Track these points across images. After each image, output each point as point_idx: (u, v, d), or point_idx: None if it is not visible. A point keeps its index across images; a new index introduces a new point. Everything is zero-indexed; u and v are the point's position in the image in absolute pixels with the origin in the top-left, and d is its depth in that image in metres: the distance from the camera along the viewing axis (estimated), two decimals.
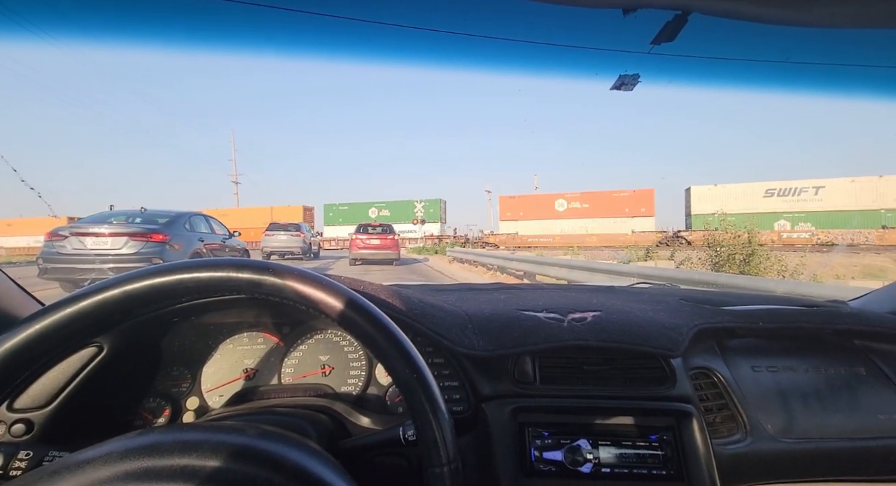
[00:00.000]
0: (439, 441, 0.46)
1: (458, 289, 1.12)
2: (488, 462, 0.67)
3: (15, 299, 0.65)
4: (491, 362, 0.72)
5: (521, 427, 0.69)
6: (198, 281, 0.45)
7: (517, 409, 0.69)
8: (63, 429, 0.64)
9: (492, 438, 0.68)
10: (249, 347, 0.83)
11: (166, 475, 0.40)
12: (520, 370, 0.72)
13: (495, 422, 0.68)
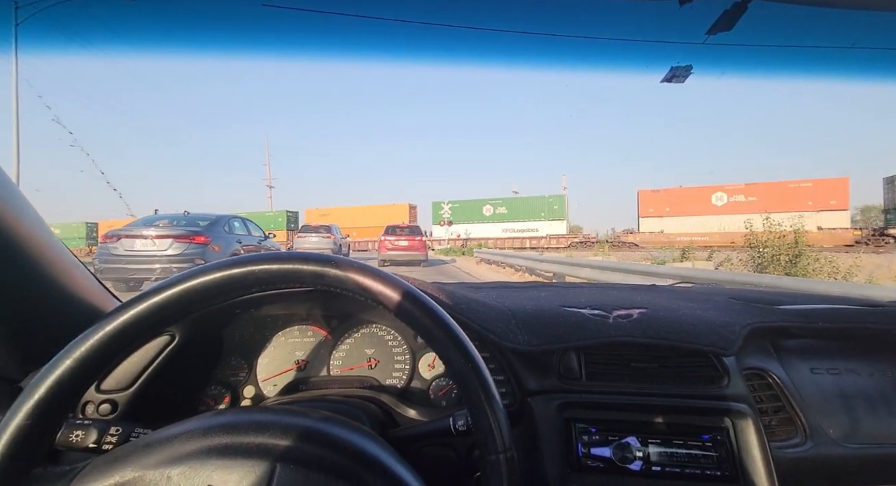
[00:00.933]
0: (495, 429, 0.46)
1: (497, 286, 1.13)
2: (534, 456, 0.67)
3: (99, 294, 0.72)
4: (536, 357, 0.73)
5: (568, 423, 0.69)
6: (267, 272, 0.48)
7: (563, 404, 0.69)
8: (141, 410, 0.69)
9: (538, 432, 0.68)
10: (300, 339, 0.87)
11: (242, 452, 0.43)
12: (565, 366, 0.72)
13: (541, 417, 0.69)
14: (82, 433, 0.52)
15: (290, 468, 0.43)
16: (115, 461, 0.42)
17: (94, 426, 0.53)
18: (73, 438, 0.51)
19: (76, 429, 0.51)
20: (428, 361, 0.87)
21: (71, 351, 0.43)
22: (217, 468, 0.42)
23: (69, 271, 0.65)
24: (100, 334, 0.44)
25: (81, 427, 0.52)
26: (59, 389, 0.42)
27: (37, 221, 0.58)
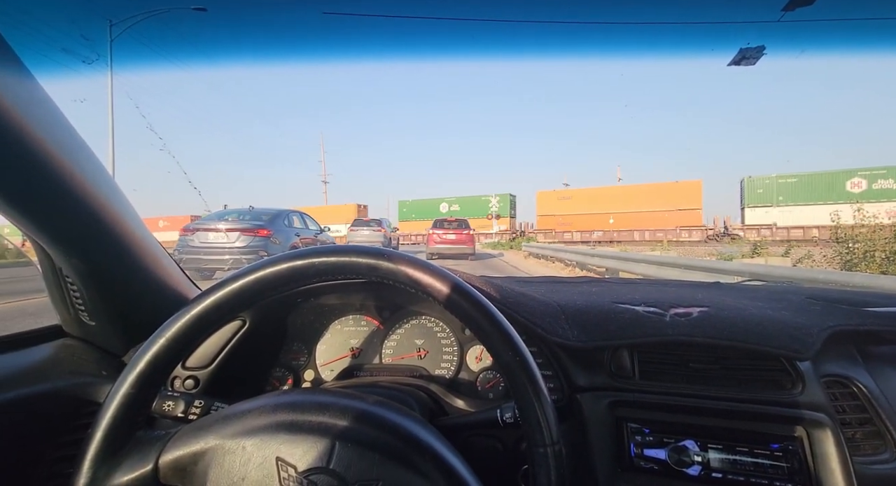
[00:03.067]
0: (542, 422, 0.47)
1: (546, 281, 1.11)
2: (583, 453, 0.67)
3: (183, 282, 0.81)
4: (586, 353, 0.71)
5: (619, 421, 0.67)
6: (327, 264, 0.52)
7: (614, 402, 0.68)
8: (218, 386, 0.77)
9: (587, 429, 0.67)
10: (354, 328, 0.92)
11: (306, 429, 0.48)
12: (617, 364, 0.71)
13: (591, 414, 0.68)
14: (172, 403, 0.60)
15: (348, 446, 0.47)
16: (200, 430, 0.48)
17: (181, 399, 0.61)
18: (165, 407, 0.58)
19: (168, 400, 0.59)
20: (475, 353, 0.88)
21: (164, 331, 0.49)
22: (284, 442, 0.46)
23: (160, 261, 0.73)
24: (186, 317, 0.50)
25: (172, 399, 0.59)
26: (156, 363, 0.48)
27: (135, 217, 0.66)
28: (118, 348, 0.72)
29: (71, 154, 0.52)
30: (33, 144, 0.47)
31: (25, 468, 0.59)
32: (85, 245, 0.59)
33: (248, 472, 0.45)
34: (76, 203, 0.55)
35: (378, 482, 0.45)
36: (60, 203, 0.53)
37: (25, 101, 0.45)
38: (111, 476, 0.45)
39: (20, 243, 0.86)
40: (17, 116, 0.44)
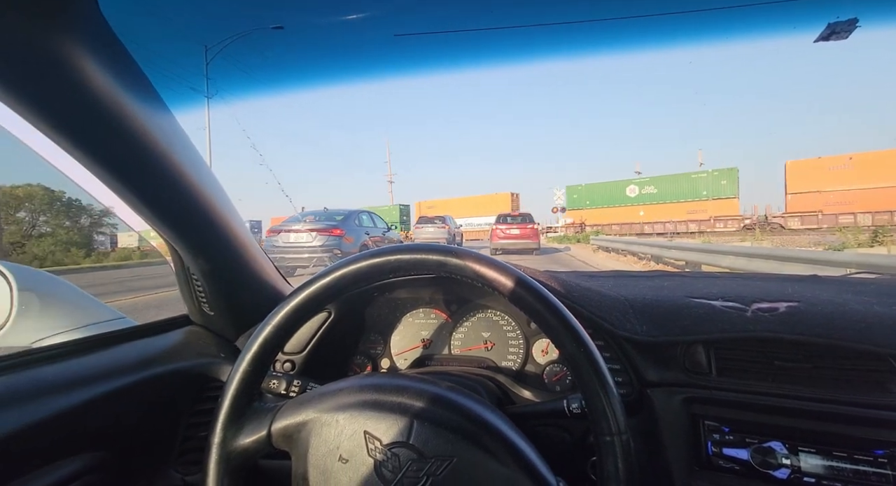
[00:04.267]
0: (608, 411, 0.48)
1: (614, 275, 1.09)
2: (656, 449, 0.66)
3: (277, 278, 0.92)
4: (656, 348, 0.70)
5: (695, 419, 0.65)
6: (401, 261, 0.57)
7: (689, 399, 0.66)
8: (310, 369, 0.88)
9: (659, 425, 0.66)
10: (425, 320, 0.98)
11: (387, 408, 0.54)
12: (691, 360, 0.68)
13: (663, 410, 0.66)
14: (277, 382, 0.70)
15: (425, 424, 0.52)
16: (301, 404, 0.56)
17: (283, 378, 0.71)
18: (271, 385, 0.68)
19: (273, 379, 0.69)
20: (541, 346, 0.90)
21: (271, 319, 0.58)
22: (370, 418, 0.53)
23: (261, 261, 0.85)
24: (287, 307, 0.58)
25: (276, 378, 0.70)
26: (265, 346, 0.57)
27: (242, 224, 0.78)
28: (231, 335, 0.85)
29: (198, 173, 0.63)
30: (173, 167, 0.58)
31: (170, 428, 0.73)
32: (207, 248, 0.71)
33: (341, 442, 0.52)
34: (202, 214, 0.66)
35: (453, 459, 0.50)
36: (191, 214, 0.65)
37: (167, 133, 0.56)
38: (236, 438, 0.54)
39: (148, 247, 1.04)
40: (161, 146, 0.55)
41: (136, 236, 0.91)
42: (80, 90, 0.44)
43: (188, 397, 0.75)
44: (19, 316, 0.67)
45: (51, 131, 0.47)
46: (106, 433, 0.60)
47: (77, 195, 4.43)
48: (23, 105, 0.44)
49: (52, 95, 0.44)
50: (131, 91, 0.49)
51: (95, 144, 0.50)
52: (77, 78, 0.43)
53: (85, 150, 0.50)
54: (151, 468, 0.69)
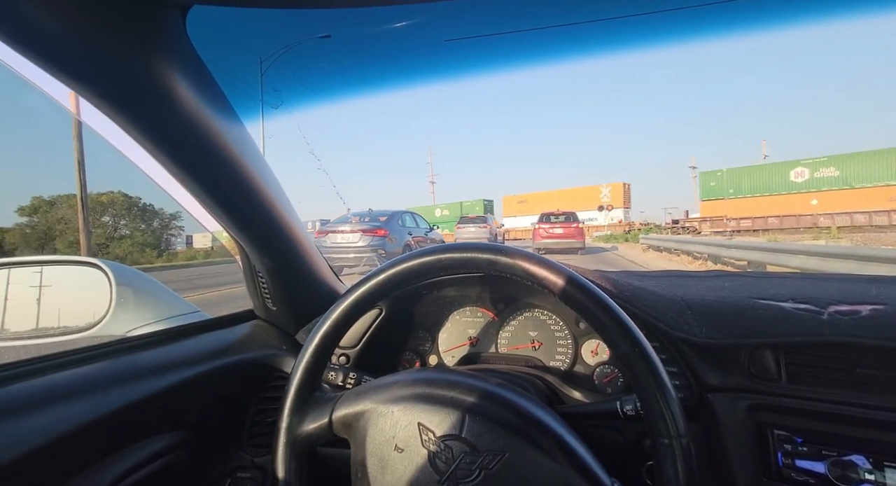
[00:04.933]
0: (665, 413, 0.47)
1: (668, 275, 1.04)
2: (718, 457, 0.63)
3: (331, 276, 0.98)
4: (717, 351, 0.67)
5: (762, 427, 0.61)
6: (452, 260, 0.59)
7: (755, 406, 0.62)
8: (363, 363, 0.92)
9: (721, 432, 0.63)
10: (471, 319, 1.00)
11: (440, 402, 0.55)
12: (757, 364, 0.64)
13: (726, 416, 0.63)
14: (334, 374, 0.74)
15: (477, 419, 0.53)
16: (359, 395, 0.59)
17: (340, 370, 0.75)
18: (329, 377, 0.73)
19: (331, 371, 0.73)
20: (591, 347, 0.88)
21: (330, 314, 0.62)
22: (423, 411, 0.55)
23: (318, 260, 0.90)
24: (345, 303, 0.61)
25: (333, 370, 0.74)
26: (325, 339, 0.61)
27: (302, 225, 0.83)
28: (291, 329, 0.90)
29: (265, 178, 0.68)
30: (245, 172, 0.64)
31: (240, 413, 0.79)
32: (272, 248, 0.77)
33: (396, 432, 0.54)
34: (268, 215, 0.72)
35: (505, 454, 0.51)
36: (259, 215, 0.71)
37: (239, 141, 0.61)
38: (301, 424, 0.58)
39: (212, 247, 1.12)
40: (235, 153, 0.61)
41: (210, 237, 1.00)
42: (170, 103, 0.50)
43: (255, 385, 0.81)
44: (117, 308, 0.77)
45: (145, 141, 0.53)
46: (188, 414, 0.67)
47: (159, 198, 4.78)
48: (123, 118, 0.50)
49: (147, 107, 0.50)
50: (211, 104, 0.54)
51: (182, 151, 0.56)
52: (167, 93, 0.49)
53: (172, 157, 0.56)
54: (225, 448, 0.76)
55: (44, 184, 28.12)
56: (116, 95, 0.47)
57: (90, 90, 0.45)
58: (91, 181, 4.01)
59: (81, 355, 0.61)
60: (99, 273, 0.78)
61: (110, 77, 0.44)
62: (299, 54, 0.56)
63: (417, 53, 0.55)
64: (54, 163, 20.43)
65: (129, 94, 0.47)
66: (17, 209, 15.66)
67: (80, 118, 4.65)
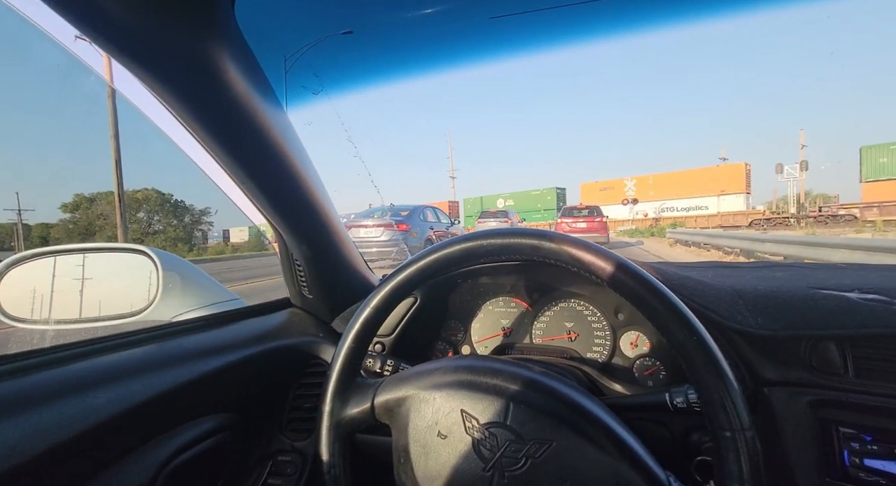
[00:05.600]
0: (728, 405, 0.44)
1: (712, 266, 0.99)
2: (776, 454, 0.59)
3: (364, 268, 0.98)
4: (775, 343, 0.63)
5: (825, 424, 0.58)
6: (493, 245, 0.57)
7: (818, 402, 0.58)
8: (397, 352, 0.92)
9: (779, 428, 0.60)
10: (505, 309, 0.98)
11: (482, 389, 0.54)
12: (820, 358, 0.60)
13: (784, 412, 0.60)
14: (372, 361, 0.74)
15: (521, 407, 0.52)
16: (400, 381, 0.59)
17: (378, 357, 0.75)
18: (367, 363, 0.73)
19: (369, 358, 0.73)
20: (630, 339, 0.85)
21: (370, 301, 0.61)
22: (466, 398, 0.54)
23: (352, 250, 0.90)
24: (385, 289, 0.61)
25: (371, 357, 0.74)
26: (366, 325, 0.61)
27: (337, 216, 0.84)
28: (327, 317, 0.91)
29: (305, 168, 0.68)
30: (287, 161, 0.64)
31: (280, 398, 0.81)
32: (311, 236, 0.78)
33: (439, 418, 0.54)
34: (308, 205, 0.72)
35: (552, 443, 0.49)
36: (300, 204, 0.71)
37: (283, 129, 0.62)
38: (344, 408, 0.59)
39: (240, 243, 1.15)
40: (279, 141, 0.61)
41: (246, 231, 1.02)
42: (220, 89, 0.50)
43: (294, 371, 0.82)
44: (164, 293, 0.79)
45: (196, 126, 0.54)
46: (232, 397, 0.68)
47: (204, 189, 5.00)
48: (176, 103, 0.51)
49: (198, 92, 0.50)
50: (257, 89, 0.54)
51: (230, 137, 0.57)
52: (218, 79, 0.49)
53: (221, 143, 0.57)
54: (266, 432, 0.78)
55: (85, 181, 28.91)
56: (171, 80, 0.47)
57: (146, 72, 0.46)
58: (139, 175, 4.16)
59: (135, 337, 0.63)
60: (147, 260, 0.80)
61: (165, 61, 0.45)
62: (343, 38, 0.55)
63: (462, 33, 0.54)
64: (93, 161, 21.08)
65: (183, 78, 0.48)
66: (60, 206, 16.28)
67: (116, 117, 4.77)
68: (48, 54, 4.07)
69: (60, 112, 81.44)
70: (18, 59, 66.83)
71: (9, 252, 14.27)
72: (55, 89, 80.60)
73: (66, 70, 21.55)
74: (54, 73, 67.61)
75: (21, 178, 72.78)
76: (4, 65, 61.47)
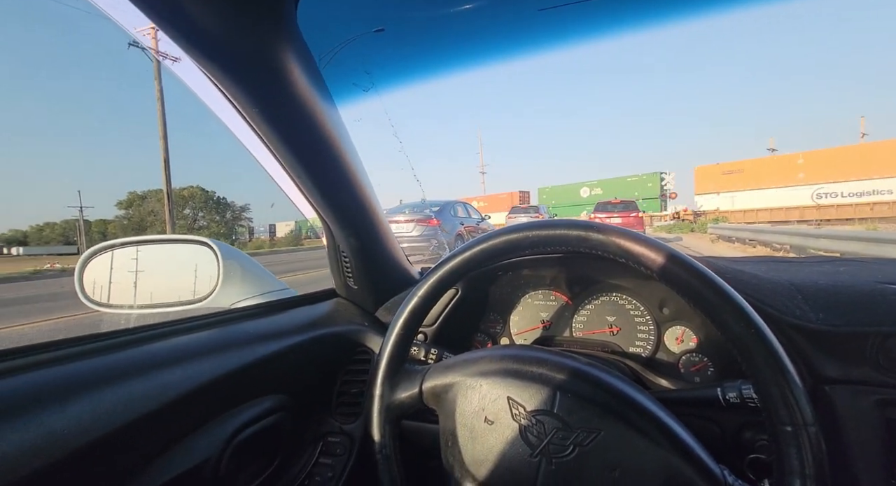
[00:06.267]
0: (790, 399, 0.43)
1: (765, 260, 0.95)
2: (837, 455, 0.57)
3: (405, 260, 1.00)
4: (837, 339, 0.60)
5: (893, 425, 0.55)
6: (539, 237, 0.58)
7: (885, 402, 0.55)
8: (438, 342, 0.94)
9: (841, 428, 0.57)
10: (544, 302, 0.98)
11: (528, 377, 0.55)
12: (889, 356, 0.57)
13: (848, 411, 0.57)
14: (416, 349, 0.77)
15: (568, 396, 0.52)
16: (447, 368, 0.61)
17: (422, 346, 0.77)
18: (412, 351, 0.75)
19: (413, 346, 0.76)
20: (676, 334, 0.83)
21: (417, 290, 0.63)
22: (512, 385, 0.55)
23: (393, 241, 0.93)
24: (432, 280, 0.63)
25: (416, 346, 0.76)
26: (413, 314, 0.63)
27: (382, 209, 0.86)
28: (370, 307, 0.95)
29: (354, 162, 0.71)
30: (339, 157, 0.67)
31: (329, 383, 0.85)
32: (358, 228, 0.81)
33: (485, 405, 0.55)
34: (356, 198, 0.75)
35: (600, 432, 0.50)
36: (349, 197, 0.75)
37: (336, 126, 0.65)
38: (393, 393, 0.61)
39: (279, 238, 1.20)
40: (333, 137, 0.64)
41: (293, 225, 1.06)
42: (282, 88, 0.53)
43: (341, 357, 0.86)
44: (224, 282, 0.85)
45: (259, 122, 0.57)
46: (287, 380, 0.73)
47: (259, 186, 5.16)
48: (242, 100, 0.54)
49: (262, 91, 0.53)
50: (314, 87, 0.57)
51: (289, 135, 0.61)
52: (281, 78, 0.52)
53: (281, 139, 0.61)
54: (317, 414, 0.82)
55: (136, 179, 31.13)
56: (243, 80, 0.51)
57: (222, 73, 0.49)
58: (187, 172, 4.46)
59: (202, 321, 0.69)
60: (209, 251, 0.87)
61: (239, 63, 0.48)
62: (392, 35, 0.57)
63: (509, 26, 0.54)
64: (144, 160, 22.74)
65: (253, 79, 0.51)
66: (115, 203, 17.90)
67: (165, 120, 5.31)
68: (106, 61, 4.28)
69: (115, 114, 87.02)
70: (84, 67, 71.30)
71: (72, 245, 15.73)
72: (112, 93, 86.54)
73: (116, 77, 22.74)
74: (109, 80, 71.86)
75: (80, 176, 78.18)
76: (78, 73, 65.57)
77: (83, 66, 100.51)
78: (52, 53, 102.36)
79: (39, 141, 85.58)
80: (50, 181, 72.32)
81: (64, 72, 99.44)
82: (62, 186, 75.16)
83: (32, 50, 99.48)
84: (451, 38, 0.58)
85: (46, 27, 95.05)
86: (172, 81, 0.51)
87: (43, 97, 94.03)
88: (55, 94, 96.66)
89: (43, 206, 67.17)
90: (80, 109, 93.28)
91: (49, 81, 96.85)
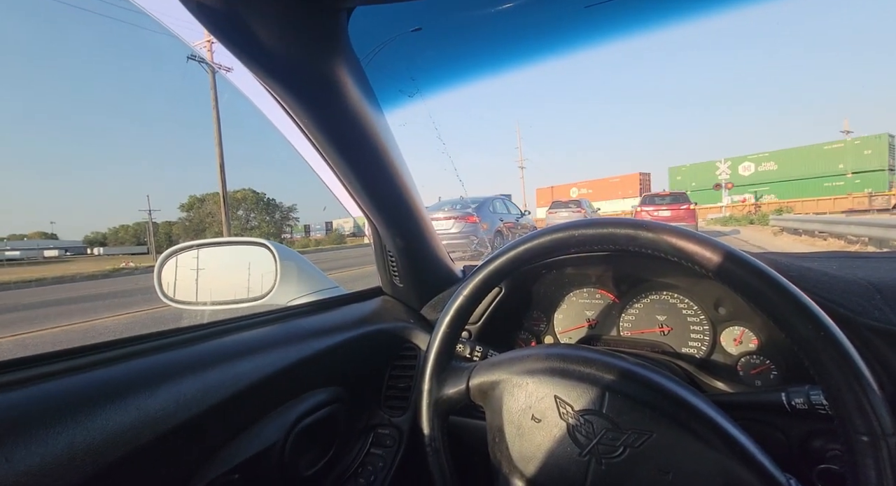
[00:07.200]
0: (866, 406, 0.40)
1: (836, 256, 0.87)
2: None
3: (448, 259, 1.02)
4: None
5: None
6: (585, 236, 0.57)
7: None
8: (483, 340, 0.96)
9: None
10: (589, 300, 0.96)
11: (575, 377, 0.55)
12: None
13: None
14: (462, 346, 0.78)
15: (617, 397, 0.52)
16: (493, 365, 0.62)
17: (468, 344, 0.79)
18: (458, 349, 0.77)
19: (460, 344, 0.77)
20: (733, 335, 0.79)
21: (463, 289, 0.65)
22: (559, 384, 0.55)
23: (437, 240, 0.95)
24: (477, 278, 0.64)
25: (461, 343, 0.78)
26: (459, 311, 0.65)
27: (425, 209, 0.89)
28: (416, 304, 0.98)
29: (400, 165, 0.74)
30: (386, 160, 0.70)
31: (378, 377, 0.88)
32: (404, 228, 0.84)
33: (532, 402, 0.56)
34: (402, 199, 0.78)
35: (652, 434, 0.49)
36: (396, 199, 0.77)
37: (383, 130, 0.68)
38: (441, 388, 0.63)
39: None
40: (381, 141, 0.67)
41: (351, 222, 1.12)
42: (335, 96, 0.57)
43: (389, 353, 0.90)
44: (281, 281, 0.91)
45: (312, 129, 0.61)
46: (341, 373, 0.77)
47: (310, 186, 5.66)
48: (298, 108, 0.58)
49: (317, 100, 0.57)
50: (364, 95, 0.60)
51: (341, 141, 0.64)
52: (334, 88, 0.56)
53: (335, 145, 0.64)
54: (368, 407, 0.86)
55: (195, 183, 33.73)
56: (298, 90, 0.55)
57: (278, 83, 0.53)
58: (242, 176, 4.81)
59: (265, 317, 0.74)
60: (267, 252, 0.93)
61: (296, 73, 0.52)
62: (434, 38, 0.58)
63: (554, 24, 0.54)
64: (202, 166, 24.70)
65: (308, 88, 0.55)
66: (178, 206, 19.59)
67: (220, 126, 5.77)
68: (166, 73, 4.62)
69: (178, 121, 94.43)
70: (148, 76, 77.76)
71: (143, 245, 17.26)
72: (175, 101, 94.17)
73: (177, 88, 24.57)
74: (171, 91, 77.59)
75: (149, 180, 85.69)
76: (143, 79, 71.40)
77: (147, 83, 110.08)
78: (135, 78, 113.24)
79: (112, 146, 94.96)
80: (123, 186, 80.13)
81: (140, 95, 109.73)
82: (134, 190, 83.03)
83: (118, 77, 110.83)
84: (494, 38, 0.59)
85: (133, 61, 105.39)
86: (228, 89, 0.55)
87: (126, 116, 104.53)
88: (130, 111, 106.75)
89: (119, 209, 74.56)
90: (150, 120, 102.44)
91: (128, 103, 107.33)
